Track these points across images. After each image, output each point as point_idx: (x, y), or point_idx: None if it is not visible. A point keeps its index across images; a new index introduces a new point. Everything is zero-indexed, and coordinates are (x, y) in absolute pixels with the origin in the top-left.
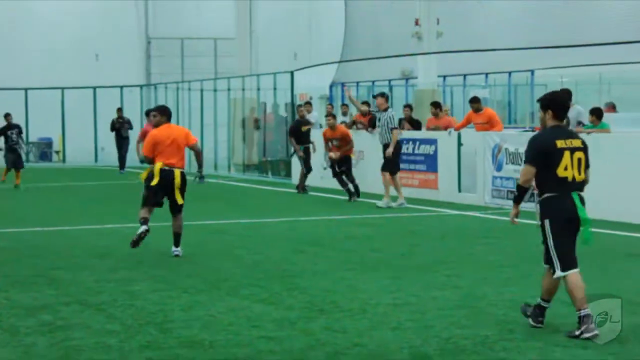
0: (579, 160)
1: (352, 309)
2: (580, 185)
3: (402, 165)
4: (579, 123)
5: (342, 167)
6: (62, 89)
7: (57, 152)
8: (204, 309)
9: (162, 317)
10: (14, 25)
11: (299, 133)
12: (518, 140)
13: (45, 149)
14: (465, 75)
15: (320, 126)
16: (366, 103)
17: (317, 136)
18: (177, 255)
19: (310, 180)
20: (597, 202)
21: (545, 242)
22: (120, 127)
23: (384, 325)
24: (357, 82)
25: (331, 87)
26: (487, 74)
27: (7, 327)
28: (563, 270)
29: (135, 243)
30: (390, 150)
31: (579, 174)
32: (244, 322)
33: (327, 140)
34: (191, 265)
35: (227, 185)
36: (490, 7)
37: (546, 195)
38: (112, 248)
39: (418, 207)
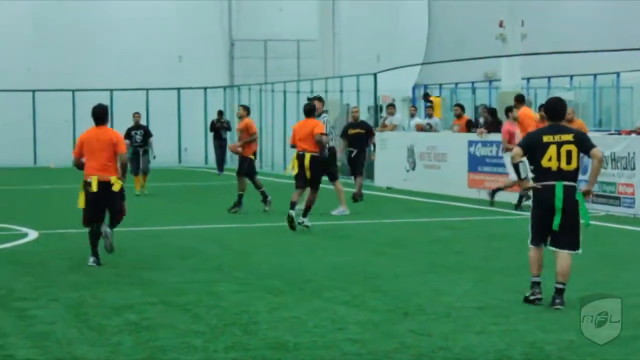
0: (568, 152)
1: (437, 312)
2: (569, 174)
3: (485, 168)
4: None
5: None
6: (147, 90)
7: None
8: (288, 311)
9: (247, 318)
10: (98, 27)
11: (346, 136)
12: (603, 144)
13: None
14: (549, 78)
15: (403, 128)
16: (459, 106)
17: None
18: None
19: (394, 182)
20: None
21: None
22: (219, 128)
23: (468, 329)
24: (440, 84)
25: (414, 89)
26: (571, 76)
27: (95, 326)
28: (530, 243)
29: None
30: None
31: (568, 164)
32: (328, 324)
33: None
34: (274, 266)
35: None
36: (575, 9)
37: (536, 183)
38: (195, 249)
39: (502, 210)
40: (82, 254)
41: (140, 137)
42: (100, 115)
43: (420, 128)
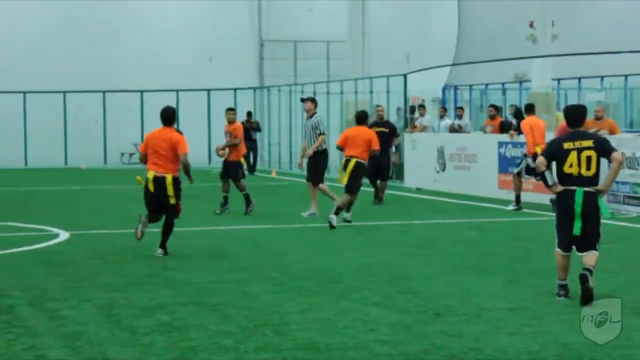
0: (588, 158)
1: (467, 313)
2: (588, 180)
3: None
4: None
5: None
6: (177, 91)
7: None
8: (318, 312)
9: (278, 319)
10: (129, 28)
11: None
12: (634, 144)
13: None
14: (580, 79)
15: (433, 129)
16: (494, 107)
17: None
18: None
19: (424, 183)
20: None
21: None
22: (249, 128)
23: (500, 330)
24: (470, 85)
25: (444, 89)
26: (602, 77)
27: (126, 327)
28: (557, 246)
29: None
30: (310, 151)
31: (587, 169)
32: (359, 325)
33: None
34: (305, 267)
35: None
36: (606, 9)
37: (560, 187)
38: (226, 249)
39: (533, 211)
40: (112, 255)
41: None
42: (167, 116)
43: (452, 129)
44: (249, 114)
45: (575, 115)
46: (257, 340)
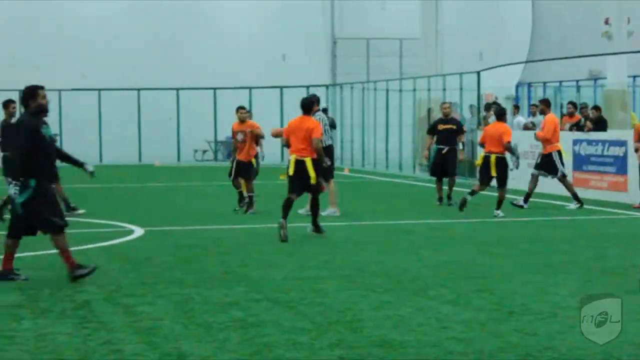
0: None
1: (542, 311)
2: None
3: (590, 167)
4: None
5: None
6: (250, 88)
7: None
8: (392, 309)
9: (351, 316)
10: (202, 26)
11: (435, 131)
12: None
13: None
14: None
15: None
16: (572, 104)
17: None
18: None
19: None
20: None
21: None
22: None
23: (575, 329)
24: (544, 82)
25: (517, 87)
26: None
27: (201, 323)
28: None
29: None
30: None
31: None
32: (433, 323)
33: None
34: (377, 264)
35: (412, 186)
36: None
37: None
38: (300, 246)
39: (607, 209)
40: (186, 251)
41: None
42: (305, 106)
43: (526, 127)
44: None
45: None
46: (331, 336)
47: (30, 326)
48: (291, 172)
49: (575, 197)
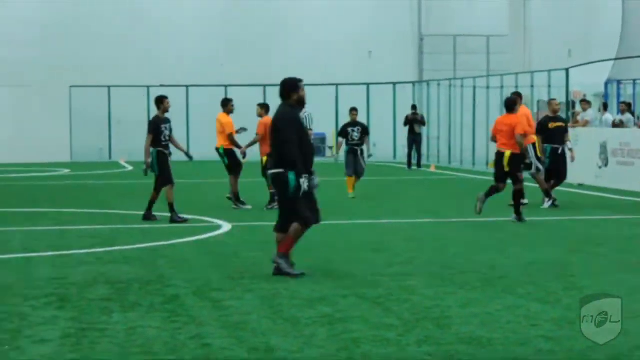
0: None
1: (634, 310)
2: None
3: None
4: None
5: None
6: (336, 85)
7: (331, 147)
8: (480, 306)
9: (439, 313)
10: (289, 25)
11: (545, 130)
12: None
13: (319, 144)
14: None
15: (597, 124)
16: None
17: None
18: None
19: (585, 179)
20: None
21: None
22: (413, 121)
23: None
24: (634, 80)
25: (606, 84)
26: None
27: (289, 317)
28: None
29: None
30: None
31: None
32: (522, 321)
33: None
34: (464, 261)
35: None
36: None
37: None
38: (387, 243)
39: None
40: (273, 247)
41: (357, 134)
42: (508, 104)
43: (614, 124)
44: (414, 107)
45: None
46: (418, 333)
47: (120, 319)
48: (491, 164)
49: (548, 194)
